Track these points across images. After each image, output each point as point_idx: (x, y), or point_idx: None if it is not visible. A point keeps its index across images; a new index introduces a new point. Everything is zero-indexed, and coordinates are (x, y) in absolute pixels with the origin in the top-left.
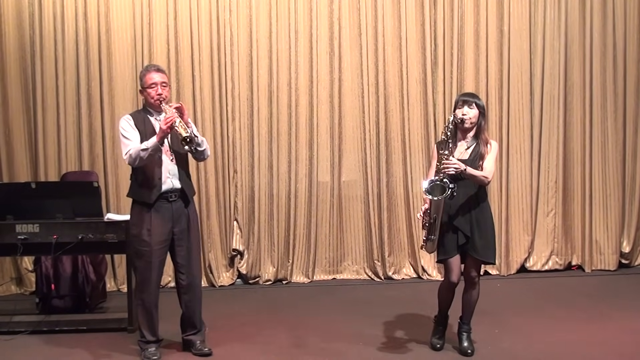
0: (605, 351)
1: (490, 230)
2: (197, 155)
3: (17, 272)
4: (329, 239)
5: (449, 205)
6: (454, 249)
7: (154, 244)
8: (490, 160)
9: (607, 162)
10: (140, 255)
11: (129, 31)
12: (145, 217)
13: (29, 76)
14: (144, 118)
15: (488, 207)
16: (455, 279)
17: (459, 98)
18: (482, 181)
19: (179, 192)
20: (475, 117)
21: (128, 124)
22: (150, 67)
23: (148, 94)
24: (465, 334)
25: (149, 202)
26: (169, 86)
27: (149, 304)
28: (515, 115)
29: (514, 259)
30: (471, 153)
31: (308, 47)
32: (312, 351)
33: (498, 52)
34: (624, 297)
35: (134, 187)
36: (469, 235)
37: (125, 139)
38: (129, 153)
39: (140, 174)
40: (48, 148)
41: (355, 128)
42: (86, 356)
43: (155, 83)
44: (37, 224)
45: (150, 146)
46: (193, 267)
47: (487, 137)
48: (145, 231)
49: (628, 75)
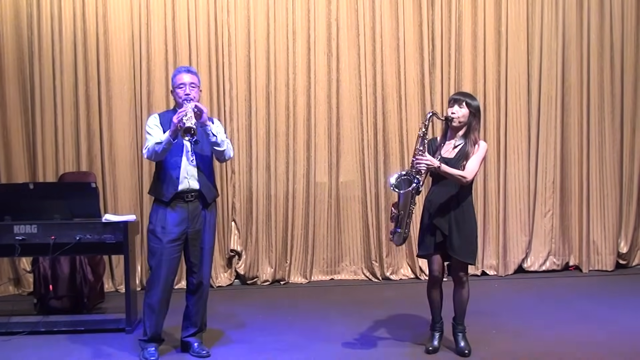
0: (604, 351)
1: (470, 230)
2: (217, 156)
3: (14, 273)
4: (326, 239)
5: (430, 203)
6: (432, 247)
7: (166, 242)
8: (474, 160)
9: (604, 162)
10: (153, 252)
11: (127, 32)
12: (161, 215)
13: (27, 77)
14: (170, 117)
15: (470, 208)
16: (436, 273)
17: (451, 96)
18: (459, 180)
19: (196, 193)
20: (464, 116)
21: (153, 121)
22: (181, 69)
23: (177, 94)
24: (461, 334)
25: (164, 200)
26: (198, 87)
27: (155, 302)
28: (513, 116)
29: (511, 260)
30: (457, 152)
31: (306, 48)
32: (310, 352)
33: (495, 53)
34: (621, 297)
35: (154, 184)
36: (447, 234)
37: (148, 135)
38: (147, 147)
39: (159, 172)
40: (46, 149)
41: (353, 129)
42: (84, 357)
43: (184, 83)
44: (35, 225)
45: (163, 140)
46: (204, 269)
47: (476, 138)
48: (159, 228)
49: (625, 76)
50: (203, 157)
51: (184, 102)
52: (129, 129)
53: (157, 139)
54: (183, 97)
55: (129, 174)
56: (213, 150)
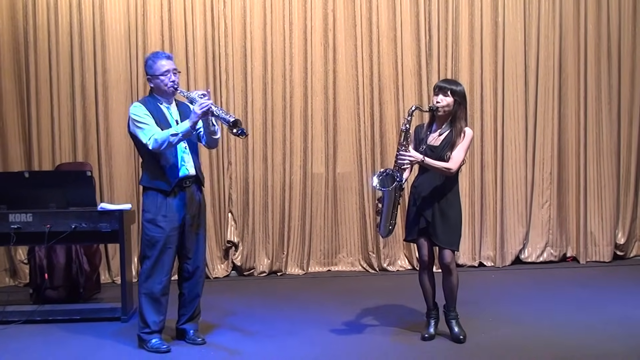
0: (599, 337)
1: (454, 217)
2: (211, 144)
3: (10, 263)
4: (323, 230)
5: (416, 190)
6: (416, 232)
7: (169, 230)
8: (459, 150)
9: (601, 153)
10: (154, 242)
11: (123, 23)
12: (161, 203)
13: (23, 68)
14: (154, 105)
15: (456, 197)
16: (425, 257)
17: (437, 84)
18: (443, 172)
19: (193, 179)
20: (449, 105)
21: (142, 110)
22: (160, 54)
23: (161, 81)
24: (454, 321)
25: (166, 190)
26: (179, 72)
27: (158, 292)
28: (510, 107)
29: (508, 251)
30: (442, 141)
31: (302, 38)
32: (307, 339)
33: (493, 44)
34: (618, 287)
35: (148, 174)
36: (429, 221)
37: (144, 124)
38: (154, 137)
39: (155, 162)
40: (42, 140)
41: (350, 120)
42: (80, 345)
43: (169, 70)
44: (31, 214)
45: (181, 131)
46: (200, 253)
47: (462, 126)
48: (160, 217)
49: (622, 67)
50: (192, 144)
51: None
52: (125, 120)
53: (156, 128)
54: (170, 85)
55: (125, 164)
56: (209, 138)
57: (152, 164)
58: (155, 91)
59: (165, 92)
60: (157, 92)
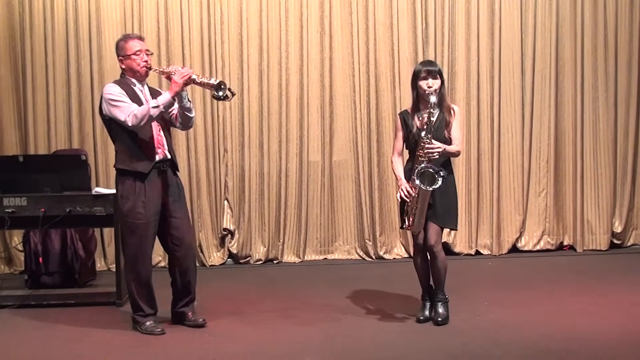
0: (593, 321)
1: (450, 198)
2: (186, 122)
3: (4, 247)
4: (320, 218)
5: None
6: None
7: (150, 216)
8: (457, 129)
9: (598, 141)
10: (134, 229)
11: (119, 9)
12: (139, 189)
13: (19, 54)
14: (127, 87)
15: (451, 179)
16: (420, 241)
17: (421, 68)
18: (455, 155)
19: (169, 162)
20: (439, 86)
21: (118, 89)
22: (131, 35)
23: (133, 61)
24: (439, 303)
25: (144, 173)
26: (151, 54)
27: (146, 277)
28: (507, 95)
29: (505, 239)
30: (435, 121)
31: (298, 26)
32: (302, 322)
33: (489, 31)
34: (614, 274)
35: (123, 158)
36: (431, 203)
37: (121, 102)
38: (133, 113)
39: (130, 144)
40: (38, 127)
41: (346, 107)
42: (74, 329)
43: (140, 50)
44: (25, 197)
45: (162, 102)
46: (187, 235)
47: (449, 104)
48: (140, 203)
49: (619, 54)
50: (166, 124)
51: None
52: None
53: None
54: (142, 64)
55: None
56: (183, 116)
57: (127, 146)
58: (127, 72)
59: (137, 73)
60: (129, 74)
